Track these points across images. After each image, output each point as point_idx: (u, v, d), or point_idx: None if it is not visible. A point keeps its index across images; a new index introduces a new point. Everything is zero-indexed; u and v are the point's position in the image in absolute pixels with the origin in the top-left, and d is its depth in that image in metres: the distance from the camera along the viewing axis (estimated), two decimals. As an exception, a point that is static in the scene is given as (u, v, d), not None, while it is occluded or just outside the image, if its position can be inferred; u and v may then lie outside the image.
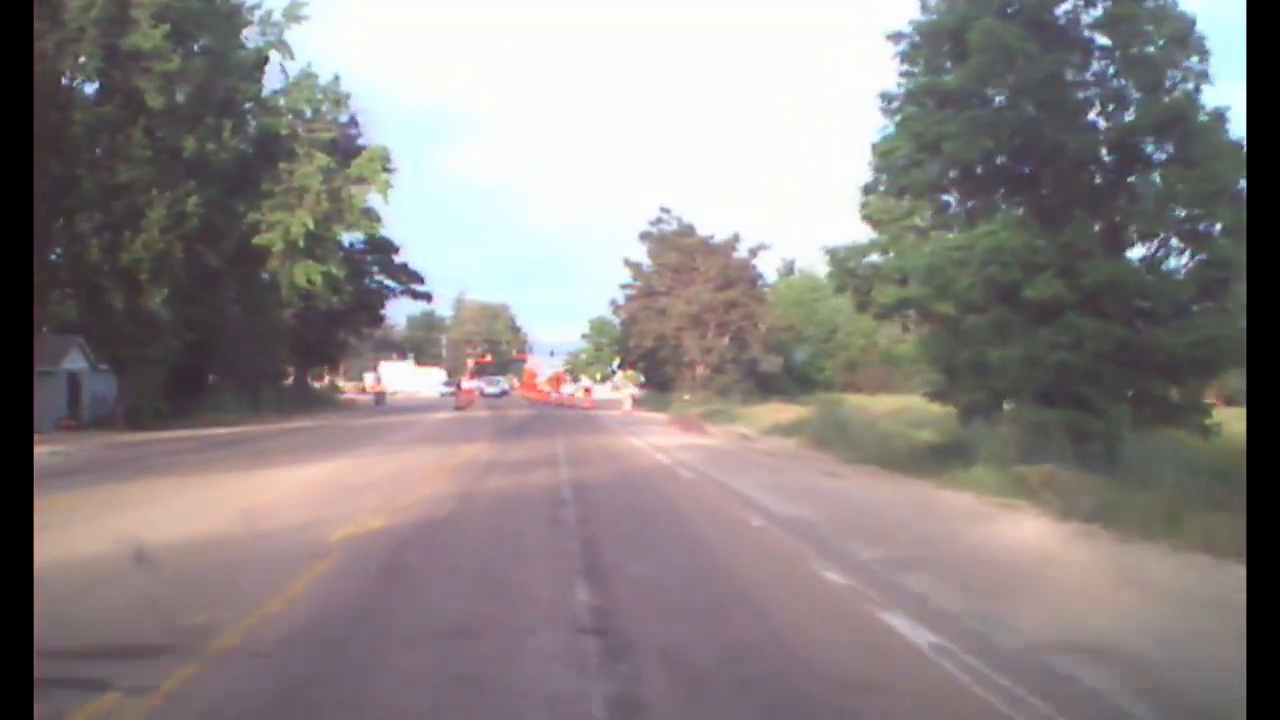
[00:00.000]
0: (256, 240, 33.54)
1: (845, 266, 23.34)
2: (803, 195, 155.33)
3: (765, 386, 58.98)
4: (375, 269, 53.68)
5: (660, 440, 25.94)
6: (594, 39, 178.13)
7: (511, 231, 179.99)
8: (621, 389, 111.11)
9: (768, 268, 62.67)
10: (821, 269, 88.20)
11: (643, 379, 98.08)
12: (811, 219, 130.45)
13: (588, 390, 56.30)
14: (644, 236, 59.06)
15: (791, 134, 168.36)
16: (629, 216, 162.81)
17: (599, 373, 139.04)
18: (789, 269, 79.65)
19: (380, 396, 66.22)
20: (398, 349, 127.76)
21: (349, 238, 53.30)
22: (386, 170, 36.02)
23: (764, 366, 56.16)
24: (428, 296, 54.16)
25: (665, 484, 14.35)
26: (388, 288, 53.88)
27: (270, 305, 39.23)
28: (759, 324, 56.11)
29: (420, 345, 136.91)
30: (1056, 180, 19.46)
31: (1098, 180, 19.53)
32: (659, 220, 58.82)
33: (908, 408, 43.46)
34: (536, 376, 77.87)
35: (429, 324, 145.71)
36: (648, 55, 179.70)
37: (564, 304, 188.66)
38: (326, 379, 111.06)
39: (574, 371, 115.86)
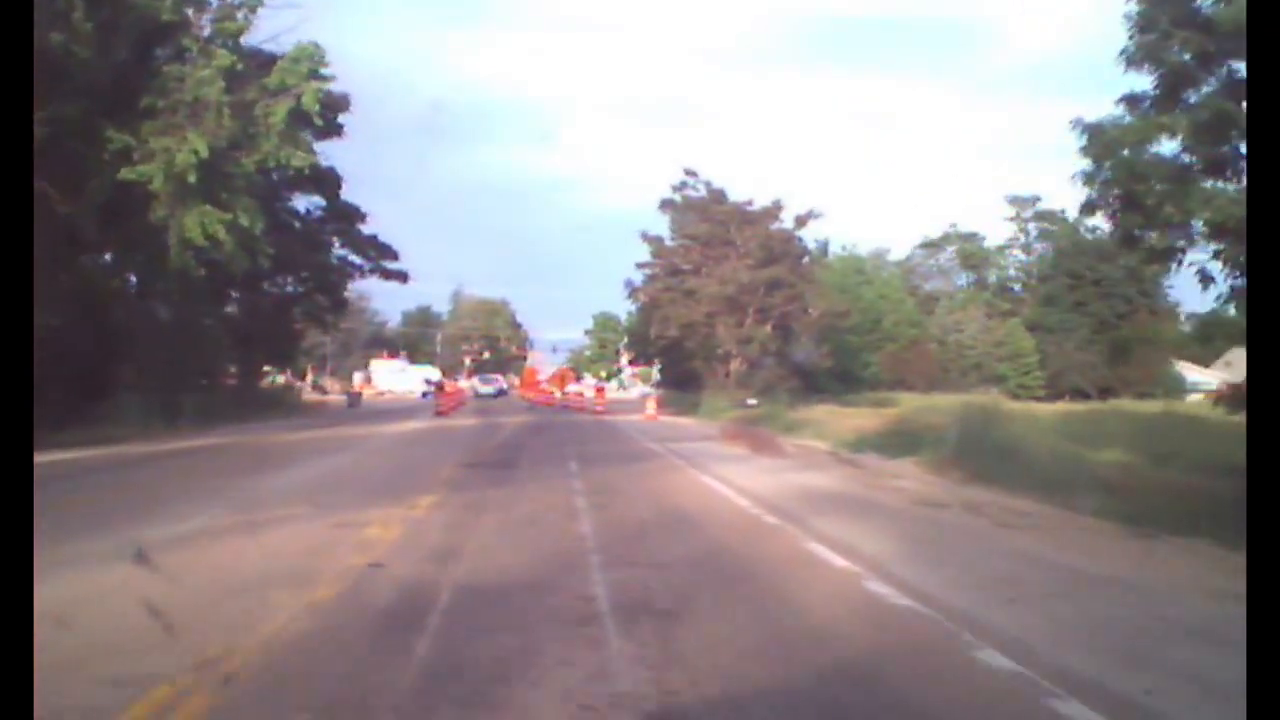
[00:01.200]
0: (125, 173, 22.27)
1: (1119, 158, 12.15)
2: (836, 167, 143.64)
3: (808, 384, 47.87)
4: (336, 242, 42.39)
5: (746, 477, 14.68)
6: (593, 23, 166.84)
7: (511, 229, 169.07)
8: (630, 388, 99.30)
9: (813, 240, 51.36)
10: (865, 246, 76.10)
11: (657, 377, 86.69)
12: (847, 195, 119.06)
13: (600, 390, 44.97)
14: (665, 205, 47.82)
15: (818, 104, 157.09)
16: (632, 213, 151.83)
17: (604, 370, 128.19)
18: (823, 249, 68.43)
19: (355, 398, 54.90)
20: (390, 346, 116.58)
21: (303, 204, 42.24)
22: (319, 77, 24.69)
23: (814, 359, 45.07)
24: (402, 276, 42.96)
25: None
26: (353, 265, 42.58)
27: (175, 279, 28.04)
28: (809, 308, 44.88)
29: (414, 342, 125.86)
30: None
31: None
32: (683, 185, 47.58)
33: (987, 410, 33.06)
34: (538, 374, 66.26)
35: (425, 320, 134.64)
36: (648, 37, 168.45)
37: (566, 302, 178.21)
38: (308, 378, 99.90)
39: (577, 369, 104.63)
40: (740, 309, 44.08)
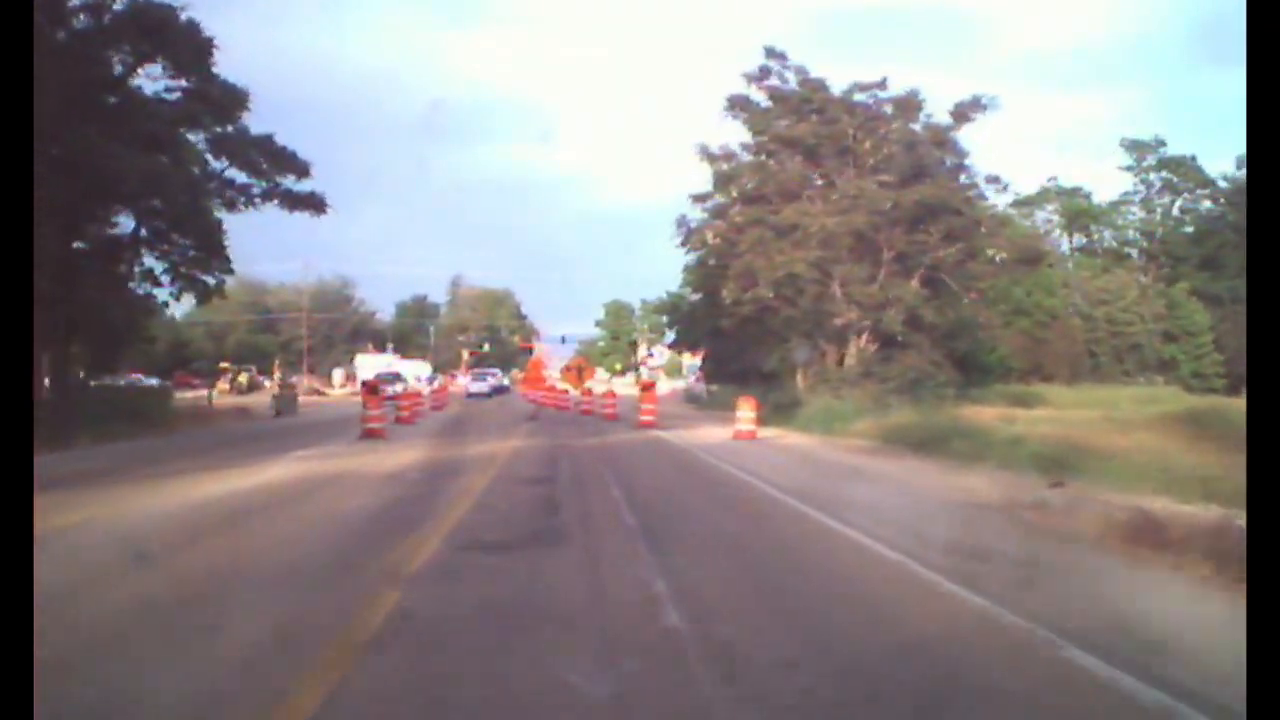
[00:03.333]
0: None
1: None
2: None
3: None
4: (207, 150, 24.39)
5: None
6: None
7: (516, 224, 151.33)
8: (644, 386, 79.40)
9: (979, 144, 31.55)
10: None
11: (690, 370, 68.23)
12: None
13: (648, 387, 26.23)
14: (736, 104, 29.61)
15: None
16: (635, 212, 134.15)
17: (618, 363, 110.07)
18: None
19: (285, 402, 36.32)
20: (375, 339, 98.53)
21: (150, 85, 24.30)
22: None
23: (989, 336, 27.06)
24: (315, 204, 24.80)
25: None
26: (232, 184, 24.53)
27: None
28: (989, 249, 26.78)
29: (406, 334, 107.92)
30: None
31: None
32: (765, 74, 29.45)
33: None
34: (544, 366, 47.98)
35: (421, 310, 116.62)
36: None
37: (573, 297, 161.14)
38: (276, 376, 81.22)
39: (588, 364, 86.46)
40: (873, 251, 26.09)
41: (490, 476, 12.58)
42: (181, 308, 79.69)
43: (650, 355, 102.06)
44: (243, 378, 67.31)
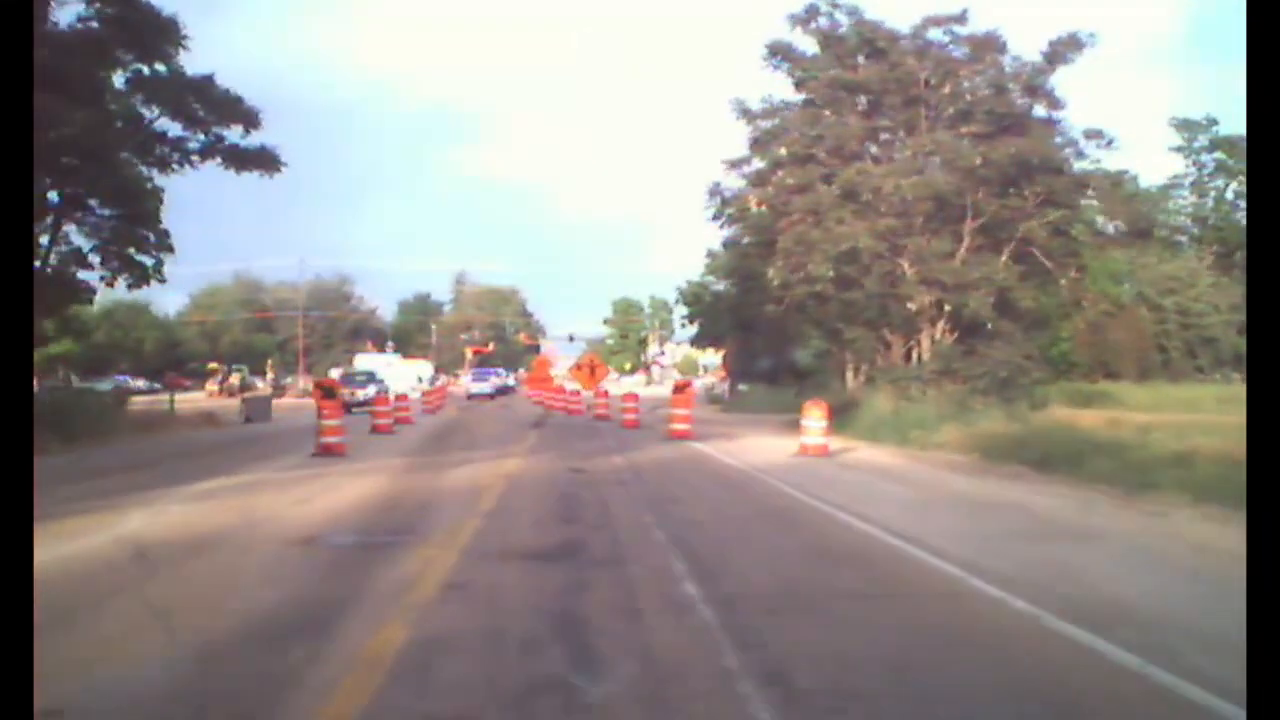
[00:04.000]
0: None
1: None
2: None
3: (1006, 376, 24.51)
4: (134, 93, 19.21)
5: None
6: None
7: (520, 224, 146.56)
8: (663, 383, 73.36)
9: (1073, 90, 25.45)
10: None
11: (707, 369, 62.90)
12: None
13: (681, 388, 20.76)
14: (775, 53, 24.32)
15: None
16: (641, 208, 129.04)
17: (628, 362, 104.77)
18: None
19: (258, 406, 30.97)
20: (376, 337, 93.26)
21: (63, 16, 19.10)
22: None
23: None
24: (266, 161, 19.53)
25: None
26: (167, 139, 19.35)
27: None
28: (1098, 217, 21.52)
29: (408, 333, 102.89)
30: None
31: None
32: (813, 13, 24.15)
33: None
34: (551, 365, 42.66)
35: (424, 308, 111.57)
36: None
37: (578, 300, 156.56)
38: (270, 376, 76.01)
39: (601, 362, 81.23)
40: (953, 221, 20.88)
41: (462, 545, 7.34)
42: (176, 304, 73.98)
43: (661, 354, 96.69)
44: (234, 378, 62.24)
